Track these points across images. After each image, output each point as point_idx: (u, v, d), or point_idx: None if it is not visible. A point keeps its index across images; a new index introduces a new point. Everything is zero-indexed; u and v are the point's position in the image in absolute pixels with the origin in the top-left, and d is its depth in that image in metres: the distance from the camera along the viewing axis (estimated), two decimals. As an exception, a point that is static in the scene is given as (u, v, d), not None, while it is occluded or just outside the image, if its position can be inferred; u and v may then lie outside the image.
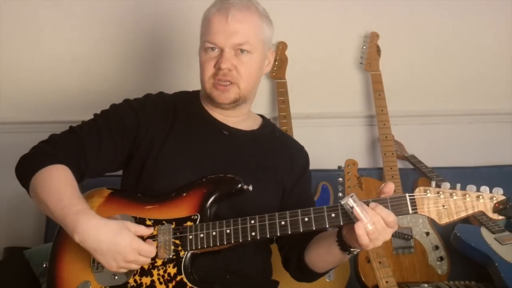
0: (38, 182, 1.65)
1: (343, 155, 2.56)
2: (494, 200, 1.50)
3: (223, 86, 1.77)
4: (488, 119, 3.07)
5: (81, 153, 1.73)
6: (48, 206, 1.61)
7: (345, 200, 1.48)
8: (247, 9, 1.78)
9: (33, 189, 1.67)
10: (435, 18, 2.97)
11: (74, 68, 2.71)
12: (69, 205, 1.58)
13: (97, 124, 1.79)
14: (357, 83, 2.95)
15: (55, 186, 1.63)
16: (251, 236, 1.59)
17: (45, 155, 1.69)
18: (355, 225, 1.48)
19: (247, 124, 1.90)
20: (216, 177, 1.72)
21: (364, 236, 1.48)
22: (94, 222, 1.56)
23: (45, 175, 1.65)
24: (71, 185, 1.65)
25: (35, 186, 1.66)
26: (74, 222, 1.56)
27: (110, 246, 1.55)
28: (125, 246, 1.56)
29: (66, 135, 1.77)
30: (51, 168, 1.66)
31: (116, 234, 1.56)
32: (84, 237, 1.55)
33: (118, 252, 1.55)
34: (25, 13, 2.65)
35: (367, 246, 1.50)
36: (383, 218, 1.49)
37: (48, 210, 1.62)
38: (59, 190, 1.62)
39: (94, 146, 1.75)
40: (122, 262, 1.57)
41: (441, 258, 2.63)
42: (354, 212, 1.48)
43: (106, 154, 1.76)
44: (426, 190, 1.53)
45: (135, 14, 2.73)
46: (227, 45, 1.74)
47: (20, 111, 2.71)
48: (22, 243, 2.58)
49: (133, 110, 1.81)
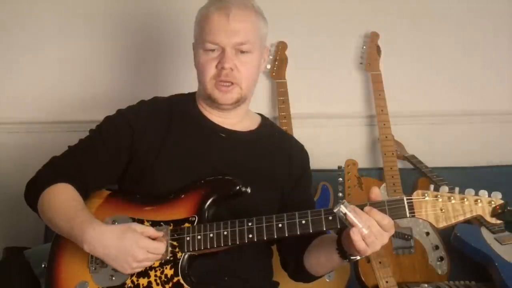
0: (44, 202, 1.71)
1: (343, 155, 2.55)
2: (492, 204, 1.49)
3: (225, 87, 1.76)
4: (488, 119, 3.05)
5: (80, 171, 1.76)
6: (56, 223, 1.68)
7: (337, 208, 1.46)
8: (246, 8, 1.77)
9: (41, 210, 1.73)
10: (435, 18, 2.97)
11: (73, 69, 2.71)
12: (74, 218, 1.63)
13: (92, 141, 1.83)
14: (357, 83, 2.94)
15: (60, 203, 1.69)
16: (248, 238, 1.59)
17: (47, 177, 1.75)
18: (350, 231, 1.47)
19: (245, 124, 1.89)
20: (214, 179, 1.72)
21: (360, 241, 1.47)
22: (99, 230, 1.59)
23: (49, 195, 1.72)
24: (74, 200, 1.70)
25: (41, 207, 1.72)
26: (81, 232, 1.60)
27: (118, 249, 1.57)
28: (132, 246, 1.56)
29: (64, 155, 1.82)
30: (54, 188, 1.72)
31: (121, 237, 1.58)
32: (92, 245, 1.59)
33: (126, 254, 1.57)
34: (24, 14, 2.66)
35: (365, 251, 1.49)
36: (378, 221, 1.48)
37: (57, 227, 1.69)
38: (64, 206, 1.68)
39: (91, 164, 1.78)
40: (134, 263, 1.58)
41: (441, 258, 2.63)
42: (347, 218, 1.46)
43: (103, 169, 1.80)
44: (424, 194, 1.52)
45: (134, 14, 2.73)
46: (229, 44, 1.74)
47: (20, 111, 2.71)
48: (22, 243, 2.57)
49: (126, 121, 1.82)
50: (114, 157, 1.80)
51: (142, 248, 1.57)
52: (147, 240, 1.59)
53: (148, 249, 1.58)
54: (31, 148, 2.62)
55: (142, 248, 1.57)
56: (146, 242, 1.58)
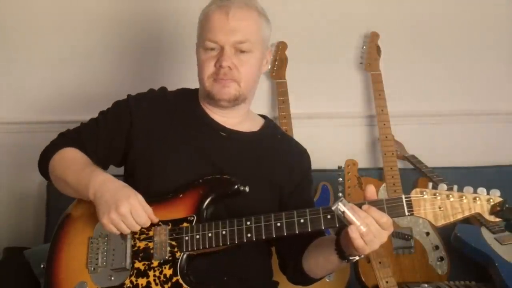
0: (55, 164, 1.81)
1: (343, 155, 2.56)
2: (491, 202, 1.49)
3: (223, 80, 1.75)
4: (488, 119, 3.05)
5: (82, 146, 1.83)
6: (66, 179, 1.76)
7: (335, 206, 1.46)
8: (247, 7, 1.77)
9: (51, 172, 1.82)
10: (435, 18, 2.97)
11: (74, 68, 2.72)
12: (82, 170, 1.73)
13: (97, 121, 1.88)
14: (357, 83, 2.95)
15: (68, 161, 1.79)
16: (247, 238, 1.59)
17: (55, 145, 1.85)
18: (348, 229, 1.46)
19: (247, 125, 1.88)
20: (212, 178, 1.72)
21: (358, 239, 1.46)
22: (106, 177, 1.69)
23: (58, 157, 1.81)
24: (82, 158, 1.80)
25: (52, 169, 1.81)
26: (87, 181, 1.68)
27: (111, 194, 1.63)
28: (121, 196, 1.61)
29: (74, 130, 1.91)
30: (62, 151, 1.82)
31: (121, 188, 1.65)
32: (94, 189, 1.65)
33: (114, 200, 1.61)
34: (24, 14, 2.66)
35: (363, 249, 1.48)
36: (376, 219, 1.47)
37: (66, 184, 1.76)
38: (72, 163, 1.77)
39: (91, 141, 1.84)
40: (113, 212, 1.60)
41: (441, 258, 2.63)
42: (345, 216, 1.46)
43: (102, 149, 1.84)
44: (422, 192, 1.51)
45: (134, 13, 2.73)
46: (228, 42, 1.73)
47: (20, 111, 2.71)
48: (22, 243, 2.59)
49: (128, 108, 1.85)
50: (112, 140, 1.84)
51: (129, 204, 1.60)
52: (138, 203, 1.62)
53: (133, 209, 1.61)
54: (31, 148, 2.60)
55: (128, 204, 1.60)
56: (136, 203, 1.62)
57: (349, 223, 1.46)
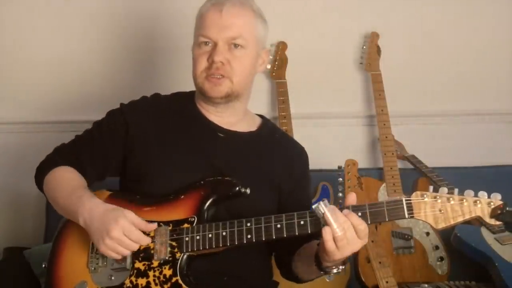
0: (48, 183, 1.81)
1: (343, 155, 2.55)
2: (491, 205, 1.48)
3: (215, 79, 1.75)
4: (488, 119, 3.05)
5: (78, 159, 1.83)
6: (58, 201, 1.76)
7: (317, 205, 1.46)
8: (242, 5, 1.78)
9: (45, 191, 1.83)
10: (435, 18, 2.97)
11: (73, 68, 2.72)
12: (72, 194, 1.71)
13: (92, 133, 1.88)
14: (357, 83, 2.95)
15: (60, 182, 1.78)
16: (247, 239, 1.59)
17: (51, 161, 1.84)
18: (322, 230, 1.47)
19: (244, 125, 1.89)
20: (214, 180, 1.72)
21: (331, 241, 1.47)
22: (93, 202, 1.67)
23: (52, 176, 1.81)
24: (74, 179, 1.79)
25: (46, 187, 1.82)
26: (76, 207, 1.66)
27: (99, 221, 1.61)
28: (110, 220, 1.59)
29: (69, 143, 1.90)
30: (56, 170, 1.81)
31: (108, 211, 1.62)
32: (84, 217, 1.64)
33: (104, 227, 1.59)
34: (24, 14, 2.66)
35: (334, 253, 1.48)
36: (354, 225, 1.48)
37: (58, 205, 1.76)
38: (64, 184, 1.77)
39: (87, 154, 1.84)
40: (107, 238, 1.58)
41: (441, 258, 2.63)
42: (325, 217, 1.46)
43: (98, 161, 1.84)
44: (423, 195, 1.51)
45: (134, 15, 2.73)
46: (220, 38, 1.74)
47: (20, 111, 2.72)
48: (22, 243, 2.59)
49: (122, 116, 1.85)
50: (108, 150, 1.84)
51: (119, 226, 1.58)
52: (128, 222, 1.60)
53: (124, 230, 1.59)
54: (30, 148, 2.62)
55: (119, 226, 1.58)
56: (126, 224, 1.59)
57: (327, 225, 1.47)
